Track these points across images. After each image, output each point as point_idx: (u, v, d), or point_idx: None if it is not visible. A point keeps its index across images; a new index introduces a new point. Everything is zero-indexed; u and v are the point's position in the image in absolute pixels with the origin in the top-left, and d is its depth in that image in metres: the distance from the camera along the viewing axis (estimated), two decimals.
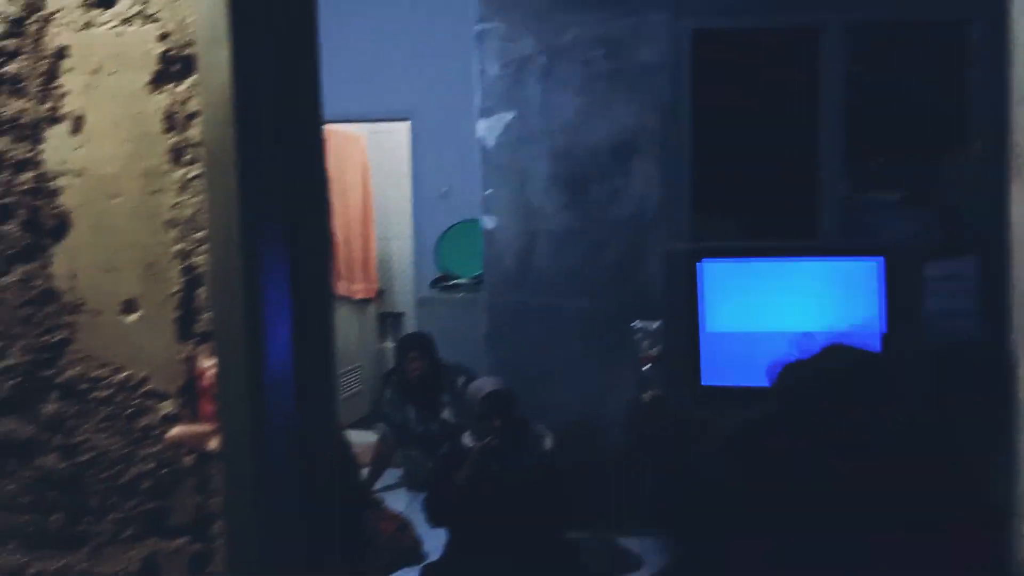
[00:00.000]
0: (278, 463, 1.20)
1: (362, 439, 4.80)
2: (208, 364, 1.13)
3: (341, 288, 5.56)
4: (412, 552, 3.46)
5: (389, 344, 6.10)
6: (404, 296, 6.38)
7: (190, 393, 1.16)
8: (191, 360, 1.18)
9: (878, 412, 1.94)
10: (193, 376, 1.17)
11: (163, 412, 1.21)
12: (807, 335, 2.44)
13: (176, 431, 1.19)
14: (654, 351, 3.32)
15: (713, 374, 3.04)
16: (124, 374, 1.19)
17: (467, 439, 3.20)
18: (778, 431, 1.95)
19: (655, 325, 3.30)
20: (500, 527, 3.04)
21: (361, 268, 5.87)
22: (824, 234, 3.52)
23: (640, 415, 3.40)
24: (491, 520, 3.07)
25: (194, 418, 1.19)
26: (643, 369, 3.34)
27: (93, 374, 1.19)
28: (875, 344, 2.99)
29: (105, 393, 1.19)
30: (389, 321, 6.36)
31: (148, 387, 1.19)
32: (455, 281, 5.03)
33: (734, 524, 1.43)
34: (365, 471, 3.99)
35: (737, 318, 3.08)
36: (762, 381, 3.05)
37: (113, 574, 1.21)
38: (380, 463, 4.18)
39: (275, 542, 1.16)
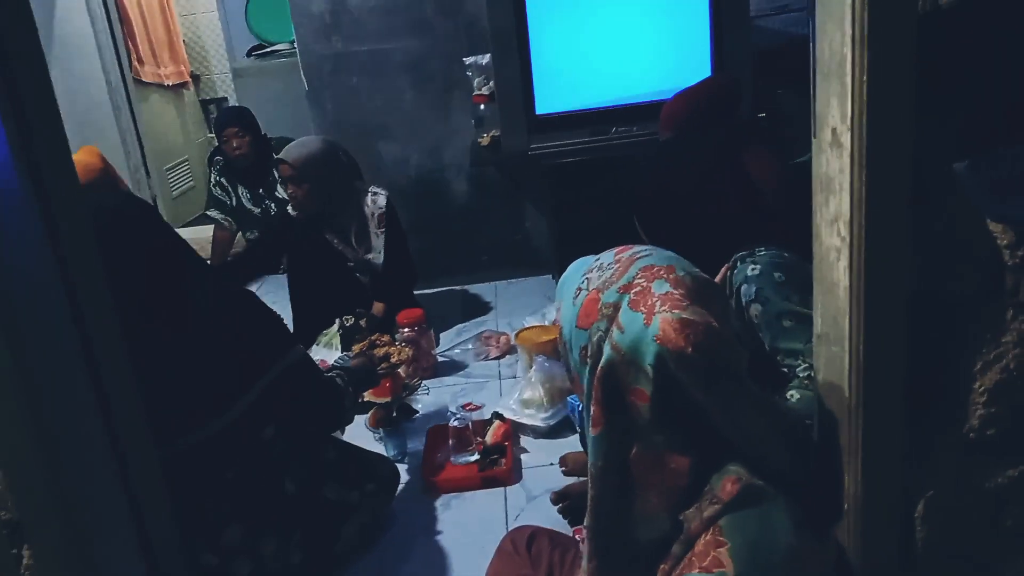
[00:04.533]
0: None
1: (200, 234, 4.52)
2: None
3: (147, 75, 5.00)
4: None
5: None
6: (223, 79, 5.84)
7: None
8: None
9: None
10: None
11: None
12: None
13: None
14: (486, 88, 3.13)
15: (548, 101, 2.90)
16: None
17: (291, 208, 3.00)
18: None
19: (486, 59, 3.08)
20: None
21: (167, 49, 5.26)
22: None
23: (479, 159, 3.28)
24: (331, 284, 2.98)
25: None
26: (480, 108, 3.16)
27: None
28: None
29: None
30: (212, 108, 5.83)
31: None
32: (273, 48, 4.57)
33: None
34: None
35: (567, 40, 2.90)
36: (598, 102, 2.97)
37: None
38: (221, 251, 3.94)
39: None
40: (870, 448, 1.00)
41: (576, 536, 1.76)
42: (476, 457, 2.31)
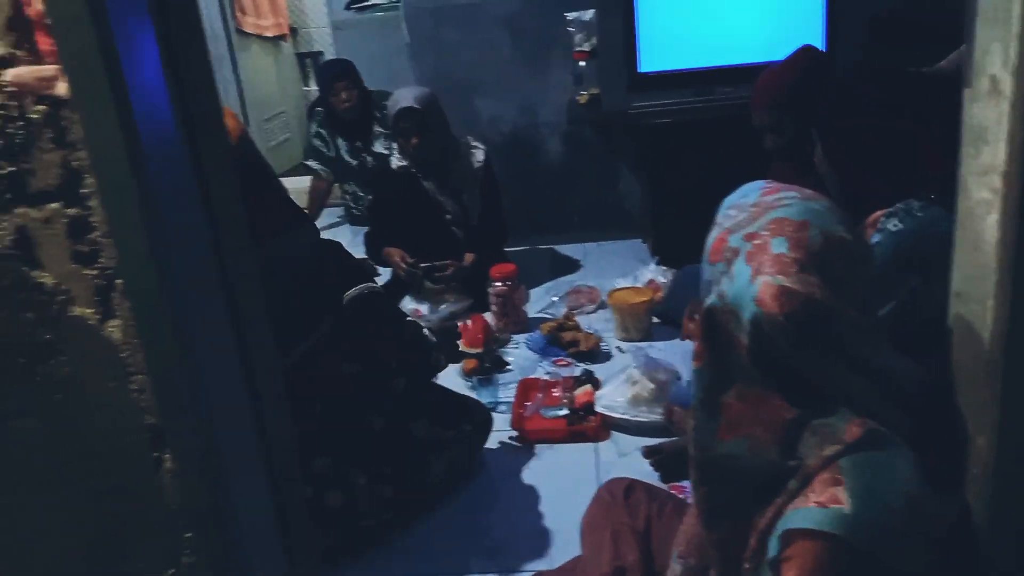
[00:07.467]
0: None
1: (297, 184, 4.63)
2: None
3: (248, 25, 5.11)
4: None
5: (313, 88, 5.74)
6: (320, 32, 5.92)
7: (21, 27, 0.95)
8: None
9: None
10: (19, 3, 0.96)
11: None
12: None
13: (14, 74, 0.99)
14: (588, 45, 3.09)
15: (651, 59, 2.85)
16: None
17: (394, 160, 3.04)
18: None
19: (589, 14, 3.04)
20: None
21: (268, 0, 5.36)
22: None
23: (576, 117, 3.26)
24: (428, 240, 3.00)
25: (34, 58, 0.98)
26: (579, 65, 3.13)
27: None
28: None
29: None
30: (308, 62, 5.94)
31: None
32: (372, 1, 4.60)
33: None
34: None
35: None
36: (703, 62, 2.90)
37: None
38: (318, 200, 4.04)
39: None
40: (1009, 408, 0.97)
41: (672, 491, 1.76)
42: (565, 412, 2.32)
